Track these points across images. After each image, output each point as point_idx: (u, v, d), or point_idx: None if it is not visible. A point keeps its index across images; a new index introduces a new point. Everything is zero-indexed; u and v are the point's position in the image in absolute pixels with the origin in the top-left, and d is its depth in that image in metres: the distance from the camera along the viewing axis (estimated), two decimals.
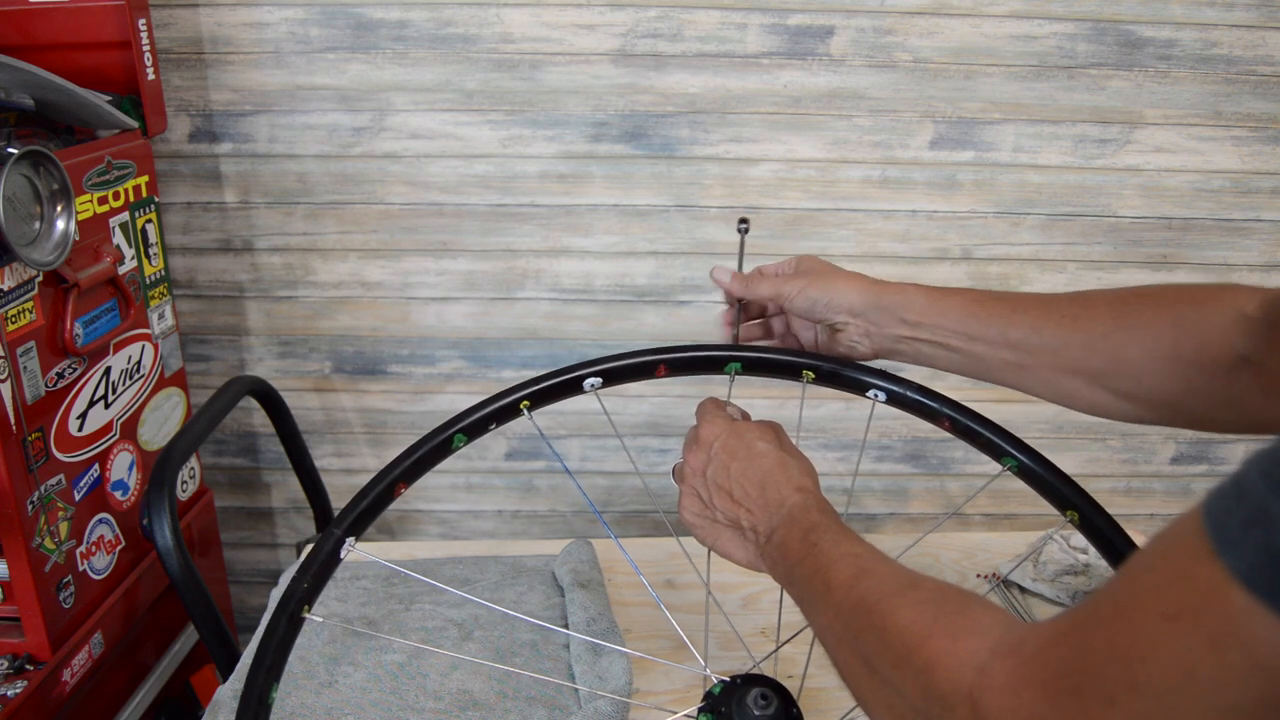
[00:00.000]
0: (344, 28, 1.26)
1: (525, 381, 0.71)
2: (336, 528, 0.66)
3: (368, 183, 1.34)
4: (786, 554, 0.58)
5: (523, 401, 0.71)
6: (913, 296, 0.70)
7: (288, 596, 0.63)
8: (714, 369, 0.75)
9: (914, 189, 1.36)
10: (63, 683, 1.03)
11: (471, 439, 0.70)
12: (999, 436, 0.74)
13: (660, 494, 1.55)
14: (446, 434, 0.70)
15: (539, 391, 0.72)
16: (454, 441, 0.70)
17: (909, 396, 0.75)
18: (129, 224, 1.14)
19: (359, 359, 1.44)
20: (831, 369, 0.75)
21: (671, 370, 0.73)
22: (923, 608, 0.45)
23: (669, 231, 1.37)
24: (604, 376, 0.73)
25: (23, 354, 0.95)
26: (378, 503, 0.68)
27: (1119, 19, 1.27)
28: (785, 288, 0.73)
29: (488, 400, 0.70)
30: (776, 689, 0.62)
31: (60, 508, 1.03)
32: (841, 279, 0.73)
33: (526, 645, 0.91)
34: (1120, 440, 1.53)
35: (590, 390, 0.73)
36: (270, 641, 0.62)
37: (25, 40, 1.11)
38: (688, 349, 0.74)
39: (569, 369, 0.72)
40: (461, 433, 0.70)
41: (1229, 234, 1.39)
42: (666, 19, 1.26)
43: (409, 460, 0.69)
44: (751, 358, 0.75)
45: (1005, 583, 1.04)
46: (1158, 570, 0.33)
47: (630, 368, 0.73)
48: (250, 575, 1.60)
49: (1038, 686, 0.36)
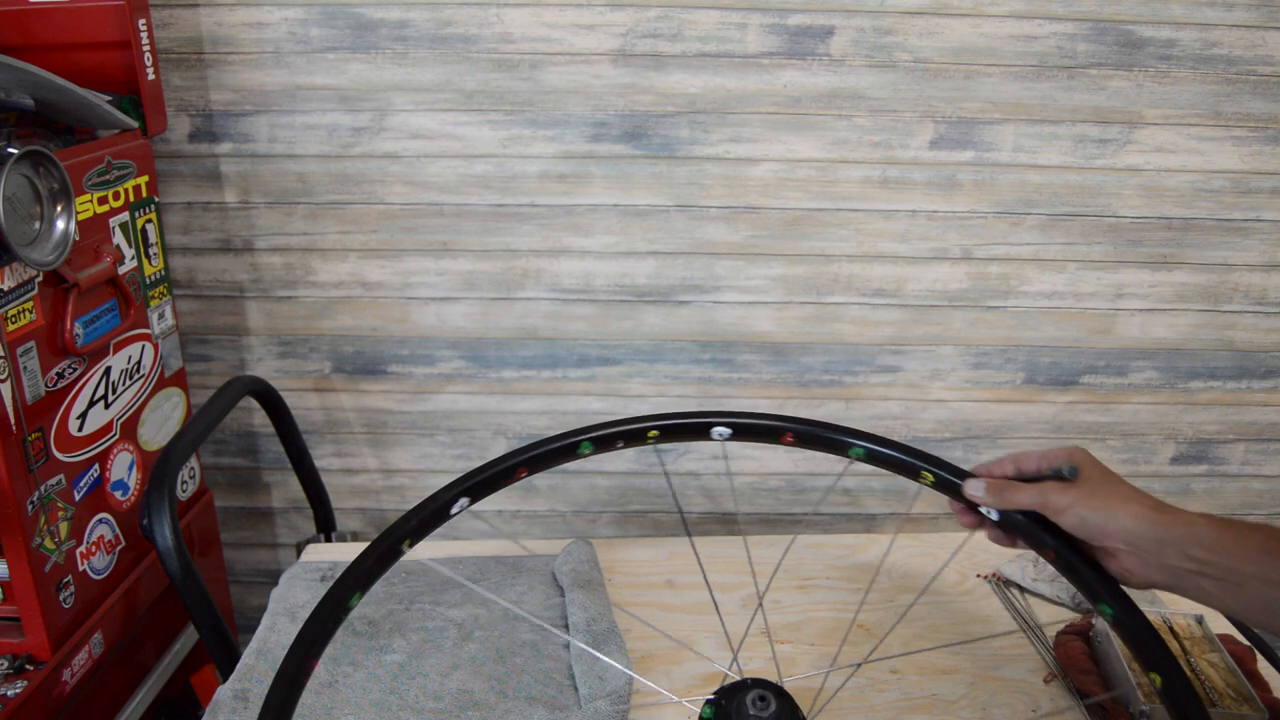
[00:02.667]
0: (344, 28, 1.26)
1: (666, 414, 0.78)
2: (458, 486, 0.70)
3: (368, 183, 1.34)
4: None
5: (650, 432, 0.78)
6: (1200, 529, 0.64)
7: (393, 529, 0.68)
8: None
9: (914, 189, 1.36)
10: (63, 683, 1.03)
11: (597, 450, 0.76)
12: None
13: (660, 494, 1.56)
14: (575, 439, 0.75)
15: (668, 426, 0.78)
16: (581, 448, 0.76)
17: None
18: (129, 224, 1.14)
19: (359, 359, 1.44)
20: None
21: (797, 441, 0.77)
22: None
23: (669, 231, 1.37)
24: (732, 429, 0.77)
25: (23, 354, 0.95)
26: (499, 477, 0.73)
27: (1119, 19, 1.27)
28: (1054, 500, 0.67)
29: (626, 420, 0.77)
30: (769, 688, 0.62)
31: (60, 508, 1.03)
32: (1120, 501, 0.66)
33: (526, 645, 0.91)
34: (1120, 440, 1.53)
35: (718, 439, 0.78)
36: (366, 559, 0.67)
37: (25, 40, 1.11)
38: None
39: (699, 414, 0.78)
40: (588, 442, 0.76)
41: (1229, 234, 1.39)
42: (666, 19, 1.26)
43: (536, 451, 0.75)
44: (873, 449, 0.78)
45: (1005, 582, 1.04)
46: None
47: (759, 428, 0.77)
48: (250, 575, 1.61)
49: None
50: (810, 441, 0.77)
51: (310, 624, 0.65)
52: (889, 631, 0.94)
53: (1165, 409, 1.51)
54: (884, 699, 0.86)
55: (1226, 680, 0.85)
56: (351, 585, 0.67)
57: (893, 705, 0.85)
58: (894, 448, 0.76)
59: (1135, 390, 1.49)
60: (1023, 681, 0.89)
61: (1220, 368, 1.48)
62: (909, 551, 1.10)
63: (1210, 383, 1.49)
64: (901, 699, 0.86)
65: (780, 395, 1.48)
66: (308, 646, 0.64)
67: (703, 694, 0.65)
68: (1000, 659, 0.92)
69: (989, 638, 0.94)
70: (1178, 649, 0.89)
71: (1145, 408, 1.51)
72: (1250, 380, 1.49)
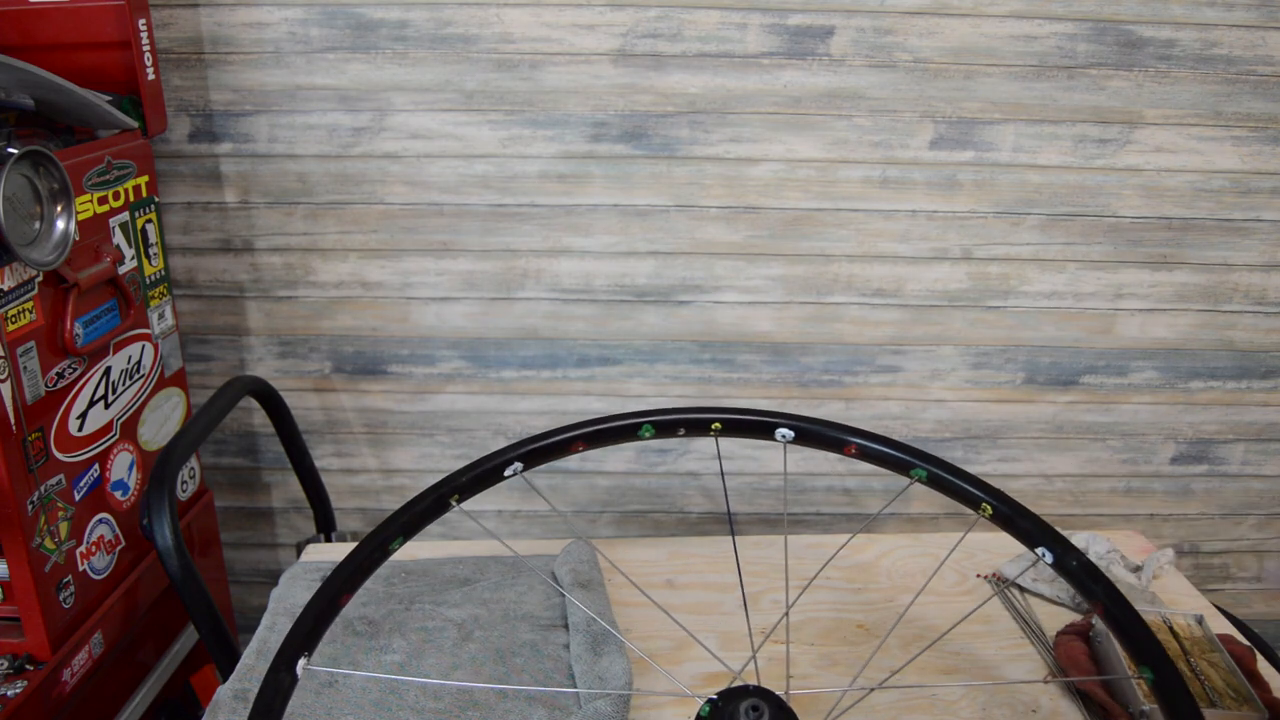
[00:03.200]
0: (344, 28, 1.26)
1: (724, 408, 0.77)
2: (513, 451, 0.70)
3: (368, 183, 1.34)
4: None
5: (714, 424, 0.77)
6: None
7: (446, 481, 0.69)
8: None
9: (914, 189, 1.36)
10: (63, 683, 1.03)
11: (658, 435, 0.76)
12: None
13: (660, 494, 1.56)
14: (636, 421, 0.74)
15: (732, 421, 0.77)
16: (642, 430, 0.75)
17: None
18: (129, 224, 1.14)
19: (359, 359, 1.44)
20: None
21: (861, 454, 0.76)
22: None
23: (669, 231, 1.37)
24: (796, 433, 0.77)
25: (23, 354, 0.95)
26: (556, 448, 0.73)
27: (1119, 19, 1.27)
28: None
29: (691, 409, 0.76)
30: (768, 698, 0.61)
31: (60, 508, 1.03)
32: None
33: (526, 645, 0.91)
34: (1120, 440, 1.53)
35: (782, 440, 0.77)
36: (414, 507, 0.68)
37: (25, 40, 1.11)
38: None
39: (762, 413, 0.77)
40: (650, 425, 0.75)
41: (1229, 234, 1.39)
42: (666, 19, 1.26)
43: (597, 428, 0.74)
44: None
45: (1005, 582, 1.04)
46: None
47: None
48: (250, 575, 1.61)
49: None
50: (873, 457, 0.76)
51: (349, 559, 0.65)
52: (913, 658, 0.94)
53: (1165, 409, 1.51)
54: (884, 699, 0.86)
55: (1226, 680, 0.85)
56: (397, 529, 0.68)
57: (893, 705, 0.85)
58: (959, 475, 0.74)
59: (1135, 390, 1.49)
60: (1023, 681, 0.89)
61: (1220, 368, 1.48)
62: (909, 551, 1.10)
63: (1210, 383, 1.49)
64: (901, 699, 0.86)
65: (780, 395, 1.48)
66: (343, 580, 0.64)
67: (704, 692, 0.64)
68: (1000, 659, 0.92)
69: (1003, 683, 0.94)
70: (1178, 649, 0.89)
71: (1145, 408, 1.51)
72: (1250, 380, 1.49)
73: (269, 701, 0.59)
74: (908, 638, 0.95)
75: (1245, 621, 1.06)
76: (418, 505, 0.70)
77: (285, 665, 0.61)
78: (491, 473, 0.73)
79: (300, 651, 0.62)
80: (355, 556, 0.66)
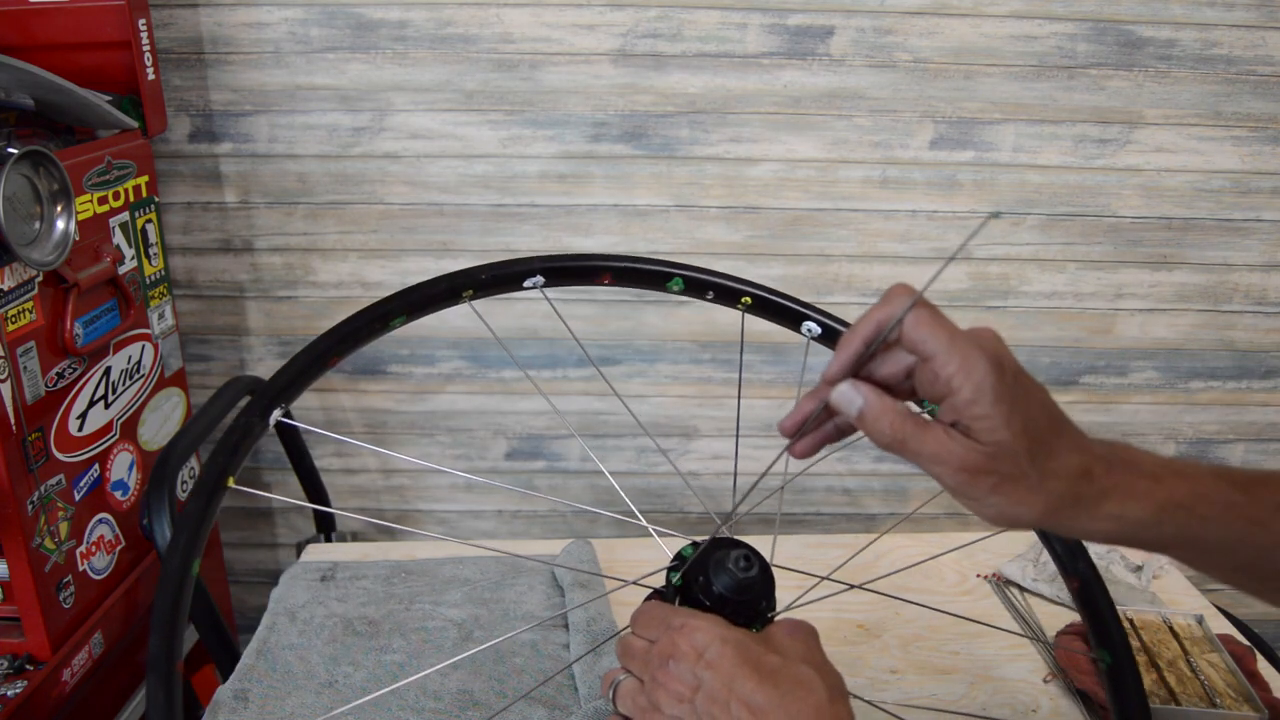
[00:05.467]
0: (344, 28, 1.26)
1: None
2: (538, 263, 0.66)
3: (368, 183, 1.34)
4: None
5: (744, 298, 0.73)
6: None
7: (463, 273, 0.64)
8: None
9: (914, 189, 1.36)
10: (63, 683, 1.03)
11: (686, 292, 0.72)
12: None
13: (660, 494, 1.56)
14: (668, 270, 0.69)
15: (761, 300, 0.74)
16: (672, 282, 0.70)
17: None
18: (129, 224, 1.14)
19: (359, 359, 1.44)
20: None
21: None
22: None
23: (669, 231, 1.37)
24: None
25: (23, 354, 0.95)
26: (581, 272, 0.68)
27: (1119, 19, 1.27)
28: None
29: (727, 276, 0.72)
30: (763, 564, 0.55)
31: (60, 508, 1.03)
32: None
33: (526, 645, 0.91)
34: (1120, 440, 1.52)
35: (808, 336, 0.73)
36: (425, 289, 0.64)
37: (25, 40, 1.11)
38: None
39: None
40: (681, 279, 0.70)
41: (1229, 234, 1.39)
42: (666, 19, 1.26)
43: (626, 264, 0.69)
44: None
45: (1005, 582, 1.04)
46: None
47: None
48: (250, 575, 1.60)
49: None
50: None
51: (347, 321, 0.61)
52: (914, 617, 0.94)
53: (1165, 409, 1.51)
54: (884, 699, 0.86)
55: (1226, 680, 0.85)
56: (403, 306, 0.63)
57: (893, 705, 0.85)
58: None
59: (1135, 390, 1.49)
60: (1023, 681, 0.89)
61: (1220, 368, 1.48)
62: (909, 551, 1.10)
63: (1210, 383, 1.49)
64: (901, 699, 0.86)
65: (780, 395, 1.48)
66: (337, 340, 0.60)
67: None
68: (1000, 659, 0.92)
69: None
70: (1178, 649, 0.90)
71: (1145, 408, 1.51)
72: (1250, 380, 1.49)
73: (235, 441, 0.55)
74: (907, 638, 0.95)
75: (1245, 621, 1.06)
76: (430, 288, 0.64)
77: (260, 411, 0.57)
78: (512, 277, 0.67)
79: (277, 401, 0.57)
80: (354, 320, 0.62)
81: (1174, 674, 0.86)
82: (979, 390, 0.44)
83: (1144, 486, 0.47)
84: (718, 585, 0.52)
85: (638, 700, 0.50)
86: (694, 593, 0.53)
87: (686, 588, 0.54)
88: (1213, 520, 0.47)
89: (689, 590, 0.53)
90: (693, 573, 0.54)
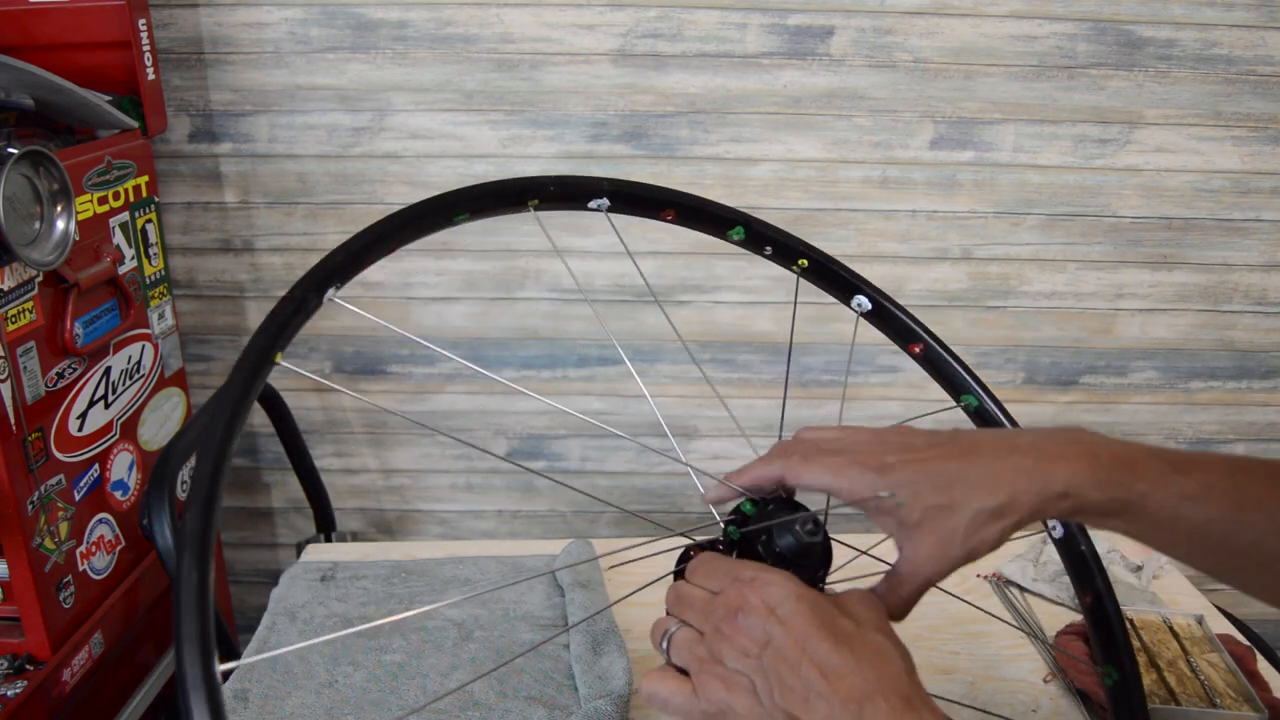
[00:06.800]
0: (344, 28, 1.26)
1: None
2: (605, 183, 0.64)
3: (368, 183, 1.34)
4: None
5: (800, 260, 0.71)
6: None
7: (533, 180, 0.63)
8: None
9: (914, 189, 1.36)
10: (63, 683, 1.03)
11: (746, 244, 0.68)
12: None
13: (661, 494, 1.55)
14: (732, 217, 0.67)
15: (818, 265, 0.72)
16: (733, 231, 0.67)
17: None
18: (129, 224, 1.14)
19: (359, 359, 1.44)
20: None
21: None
22: None
23: (669, 231, 1.37)
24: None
25: (23, 354, 0.95)
26: (647, 201, 0.65)
27: (1119, 19, 1.27)
28: None
29: (789, 235, 0.69)
30: (820, 520, 0.52)
31: (60, 508, 1.03)
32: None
33: (526, 645, 0.91)
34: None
35: (858, 310, 0.72)
36: (505, 186, 0.62)
37: (25, 40, 1.11)
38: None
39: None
40: (742, 227, 0.67)
41: (1229, 234, 1.39)
42: (666, 19, 1.26)
43: (693, 203, 0.66)
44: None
45: (1005, 582, 1.04)
46: None
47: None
48: (250, 575, 1.60)
49: None
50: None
51: (413, 208, 0.59)
52: None
53: (1165, 409, 1.51)
54: None
55: (1226, 680, 0.85)
56: (466, 204, 0.61)
57: None
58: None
59: (1135, 390, 1.49)
60: (1023, 681, 0.89)
61: (1220, 368, 1.48)
62: None
63: (1210, 383, 1.49)
64: None
65: (780, 395, 1.48)
66: (400, 224, 0.58)
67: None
68: (1000, 659, 0.92)
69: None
70: (1178, 649, 0.89)
71: (1145, 408, 1.51)
72: (1250, 380, 1.49)
73: (287, 315, 0.52)
74: (907, 637, 0.95)
75: (1245, 621, 1.06)
76: (499, 189, 0.61)
77: (315, 286, 0.53)
78: (579, 193, 0.65)
79: (333, 278, 0.55)
80: (420, 207, 0.60)
81: (1174, 674, 0.86)
82: (876, 505, 0.49)
83: (1082, 455, 0.48)
84: (780, 545, 0.50)
85: (695, 651, 0.46)
86: (753, 549, 0.50)
87: (745, 542, 0.51)
88: (1151, 495, 0.48)
89: (747, 546, 0.51)
90: (752, 530, 0.51)
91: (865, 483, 0.49)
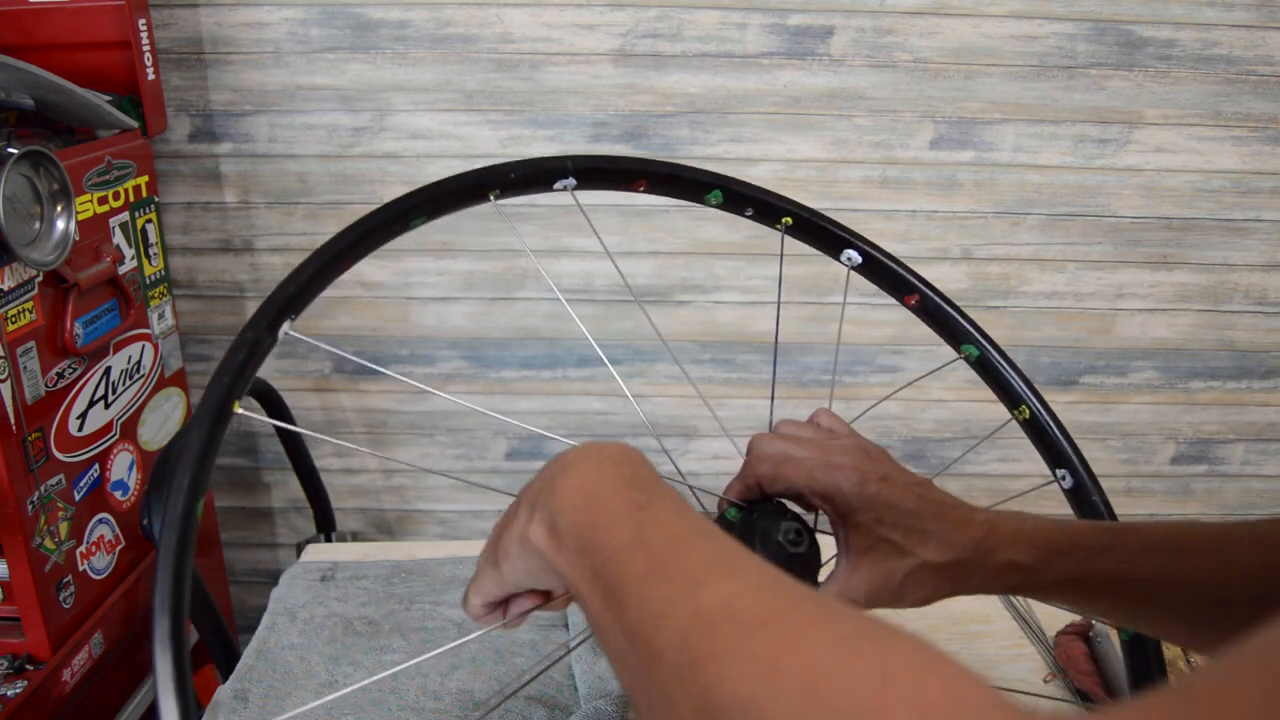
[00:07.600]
0: (344, 28, 1.26)
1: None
2: (570, 161, 0.61)
3: (368, 183, 1.34)
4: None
5: (785, 218, 0.71)
6: None
7: (489, 171, 0.60)
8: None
9: (914, 189, 1.36)
10: (63, 683, 1.03)
11: (724, 207, 0.67)
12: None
13: None
14: (709, 182, 0.64)
15: (803, 221, 0.72)
16: (710, 195, 0.65)
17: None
18: (129, 224, 1.14)
19: (359, 358, 1.44)
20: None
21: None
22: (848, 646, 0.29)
23: (669, 231, 1.37)
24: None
25: (23, 354, 0.95)
26: (616, 175, 0.63)
27: (1119, 19, 1.27)
28: None
29: (768, 192, 0.68)
30: (810, 535, 0.51)
31: (60, 508, 1.03)
32: None
33: (526, 645, 0.91)
34: (1120, 440, 1.53)
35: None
36: (448, 185, 0.59)
37: (25, 40, 1.11)
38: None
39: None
40: (720, 191, 0.66)
41: (1229, 234, 1.39)
42: (666, 19, 1.26)
43: (667, 170, 0.64)
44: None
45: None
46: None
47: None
48: (250, 575, 1.60)
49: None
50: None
51: (367, 218, 0.57)
52: None
53: (1165, 409, 1.51)
54: None
55: None
56: (424, 203, 0.59)
57: None
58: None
59: (1135, 390, 1.49)
60: (1023, 681, 0.89)
61: (1220, 368, 1.48)
62: None
63: (1210, 383, 1.49)
64: None
65: (780, 395, 1.48)
66: (353, 240, 0.55)
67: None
68: (1000, 659, 0.92)
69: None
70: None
71: (1145, 408, 1.51)
72: (1250, 380, 1.49)
73: (242, 360, 0.48)
74: None
75: None
76: (455, 184, 0.59)
77: (268, 324, 0.50)
78: (542, 176, 0.62)
79: (286, 312, 0.52)
80: (372, 218, 0.57)
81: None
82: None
83: (1027, 534, 0.51)
84: (762, 556, 0.50)
85: None
86: None
87: None
88: (1089, 563, 0.51)
89: None
90: (736, 536, 0.50)
91: (847, 484, 0.50)
